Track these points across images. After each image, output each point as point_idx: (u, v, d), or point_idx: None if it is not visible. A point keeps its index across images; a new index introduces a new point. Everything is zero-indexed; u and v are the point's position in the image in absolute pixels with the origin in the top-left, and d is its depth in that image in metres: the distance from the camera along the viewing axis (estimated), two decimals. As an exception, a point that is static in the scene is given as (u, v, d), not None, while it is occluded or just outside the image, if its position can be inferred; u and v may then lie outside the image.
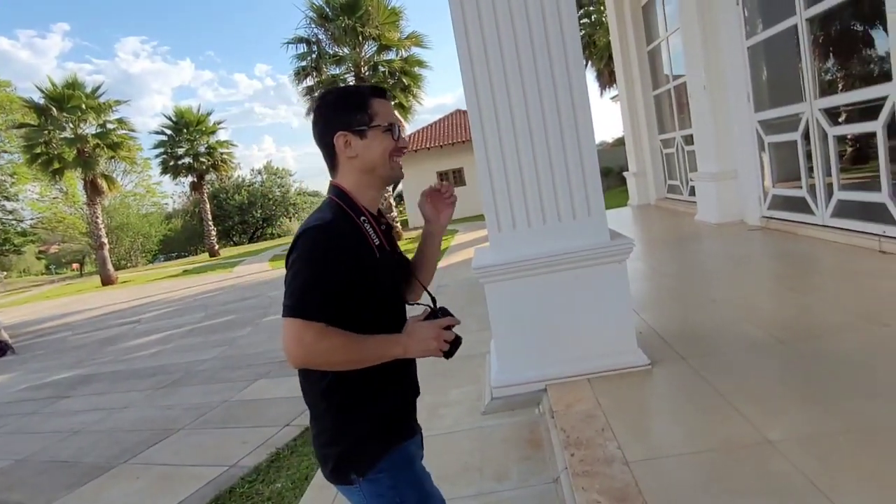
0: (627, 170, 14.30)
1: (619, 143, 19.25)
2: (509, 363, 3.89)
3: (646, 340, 4.30)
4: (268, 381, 6.67)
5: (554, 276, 3.74)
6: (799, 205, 7.57)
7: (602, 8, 21.21)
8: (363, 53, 20.40)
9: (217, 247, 34.06)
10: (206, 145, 32.68)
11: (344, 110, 1.55)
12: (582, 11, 25.13)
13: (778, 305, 4.86)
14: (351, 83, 20.41)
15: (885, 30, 5.50)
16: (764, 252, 6.97)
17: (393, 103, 1.42)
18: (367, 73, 20.17)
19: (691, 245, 8.13)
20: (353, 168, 1.56)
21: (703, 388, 3.44)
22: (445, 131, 24.86)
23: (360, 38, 19.56)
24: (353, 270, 1.45)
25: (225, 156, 33.57)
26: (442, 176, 24.64)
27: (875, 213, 6.10)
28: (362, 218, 1.53)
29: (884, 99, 5.74)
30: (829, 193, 6.88)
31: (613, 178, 24.77)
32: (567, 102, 3.70)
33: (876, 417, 2.81)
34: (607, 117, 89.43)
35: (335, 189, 1.58)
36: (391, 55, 20.62)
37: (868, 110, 6.09)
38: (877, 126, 5.90)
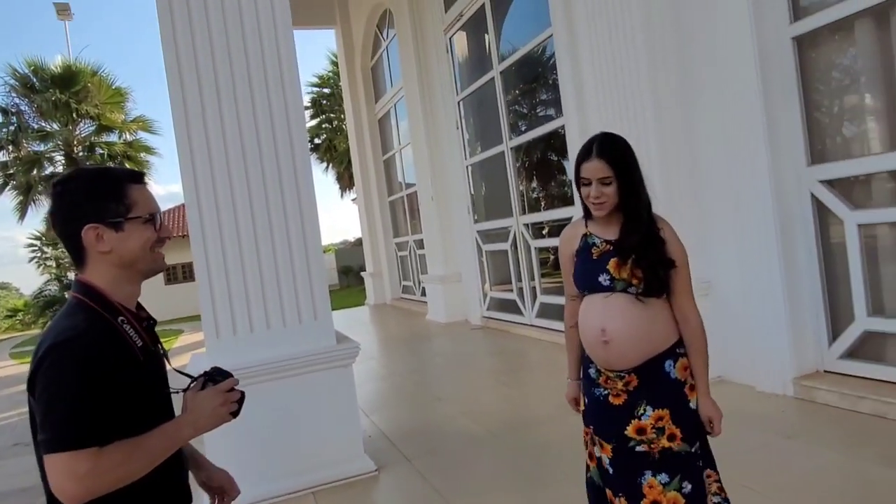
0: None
1: (361, 242, 19.98)
2: (225, 483, 3.48)
3: (374, 444, 4.26)
4: None
5: (278, 383, 3.54)
6: (511, 306, 8.51)
7: (342, 115, 22.44)
8: (77, 132, 18.36)
9: None
10: None
11: (94, 198, 1.34)
12: (323, 117, 26.26)
13: (493, 400, 5.25)
14: (60, 161, 18.12)
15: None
16: (484, 350, 7.60)
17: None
18: (80, 154, 18.10)
19: (422, 344, 8.53)
20: (107, 263, 1.35)
21: (424, 490, 3.47)
22: (176, 222, 23.12)
23: (75, 115, 17.63)
24: (117, 382, 1.25)
25: None
26: (169, 270, 22.63)
27: (568, 314, 7.09)
28: (120, 318, 1.33)
29: (569, 219, 6.87)
30: (534, 297, 7.88)
31: (353, 277, 25.38)
32: (295, 210, 3.71)
33: (571, 500, 3.08)
34: (349, 217, 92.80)
35: (82, 287, 1.34)
36: (113, 137, 18.90)
37: (560, 227, 7.23)
38: (565, 240, 6.99)
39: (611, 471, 1.95)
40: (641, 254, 1.87)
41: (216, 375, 1.43)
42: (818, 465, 3.15)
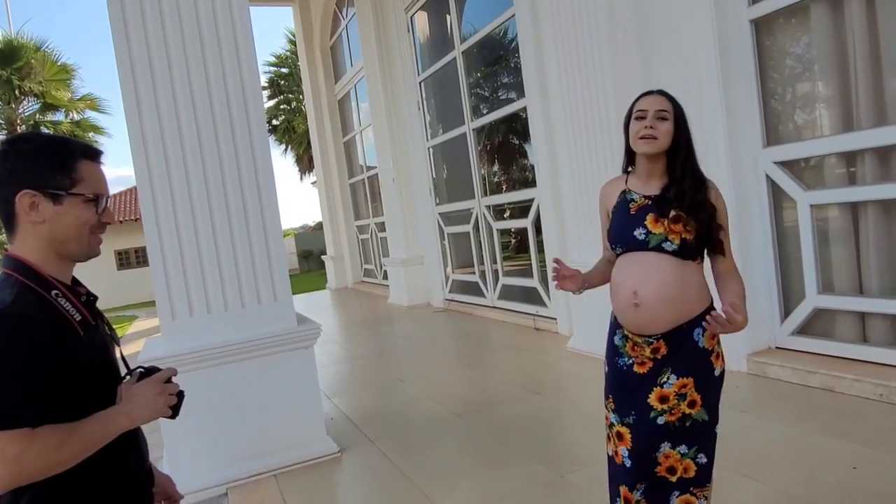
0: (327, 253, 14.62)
1: (321, 226, 19.71)
2: (183, 468, 3.39)
3: (337, 426, 4.23)
4: None
5: (237, 365, 3.47)
6: (473, 288, 8.53)
7: (301, 96, 22.01)
8: (20, 110, 17.58)
9: None
10: None
11: (39, 165, 1.25)
12: (281, 97, 25.72)
13: (456, 381, 5.26)
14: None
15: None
16: (446, 332, 7.61)
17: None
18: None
19: (384, 327, 8.49)
20: (37, 235, 1.26)
21: (389, 471, 3.46)
22: (127, 206, 22.27)
23: (18, 92, 16.85)
24: (53, 358, 1.17)
25: None
26: (121, 255, 21.93)
27: (530, 296, 7.17)
28: (54, 292, 1.24)
29: (531, 201, 6.90)
30: (496, 279, 7.91)
31: (314, 261, 25.10)
32: (252, 188, 3.61)
33: (532, 477, 3.12)
34: (309, 201, 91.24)
35: (12, 261, 1.26)
36: (59, 116, 18.15)
37: (523, 209, 7.26)
38: (527, 223, 7.04)
39: (628, 464, 1.94)
40: (698, 217, 1.85)
41: (153, 370, 1.38)
42: (770, 438, 3.26)
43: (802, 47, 4.11)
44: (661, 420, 1.88)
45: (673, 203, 1.88)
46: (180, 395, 1.37)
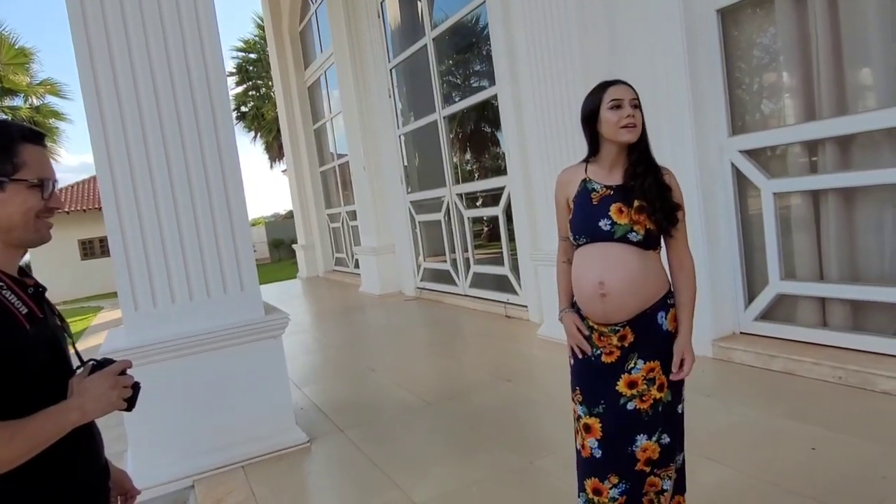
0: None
1: (292, 215, 19.50)
2: (148, 461, 3.35)
3: (306, 416, 4.20)
4: None
5: (202, 356, 3.41)
6: (445, 277, 8.53)
7: (270, 83, 21.65)
8: (-23, 95, 17.03)
9: None
10: None
11: None
12: (250, 84, 25.26)
13: (427, 370, 5.26)
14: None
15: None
16: (418, 320, 7.60)
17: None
18: (-18, 120, 16.77)
19: (356, 316, 8.45)
20: None
21: (359, 460, 3.45)
22: (90, 194, 21.75)
23: (-27, 76, 16.32)
24: None
25: None
26: (85, 244, 21.41)
27: (502, 284, 7.19)
28: None
29: (502, 189, 6.91)
30: (468, 267, 7.92)
31: (285, 250, 24.84)
32: (217, 174, 3.54)
33: (502, 464, 3.14)
34: (279, 189, 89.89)
35: None
36: (18, 101, 17.59)
37: (494, 197, 7.26)
38: (498, 211, 7.04)
39: (598, 454, 1.94)
40: (657, 201, 1.86)
41: (104, 363, 1.32)
42: (734, 421, 3.33)
43: (768, 38, 4.16)
44: (630, 406, 1.90)
45: (637, 192, 1.88)
46: (136, 388, 1.32)
